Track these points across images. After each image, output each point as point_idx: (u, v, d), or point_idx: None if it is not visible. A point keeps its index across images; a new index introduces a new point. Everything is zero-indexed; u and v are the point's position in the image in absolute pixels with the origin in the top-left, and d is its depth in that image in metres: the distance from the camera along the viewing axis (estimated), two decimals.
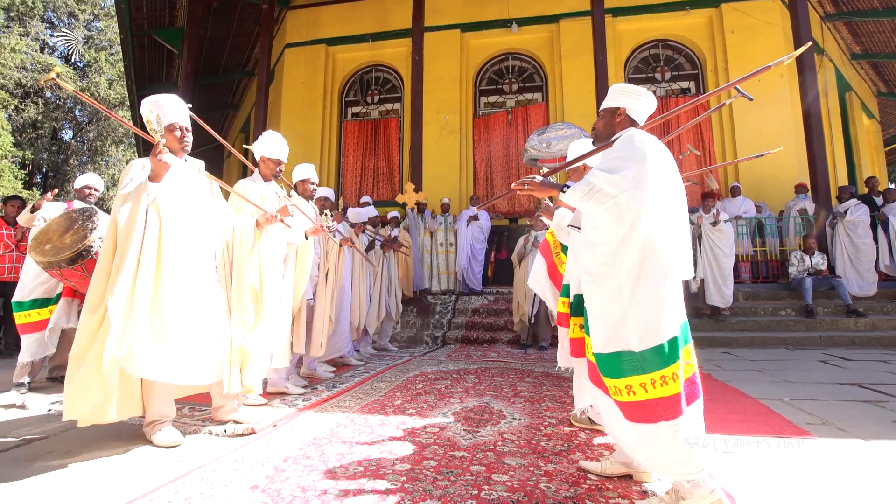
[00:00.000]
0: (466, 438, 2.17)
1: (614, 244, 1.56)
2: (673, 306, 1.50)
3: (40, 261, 2.94)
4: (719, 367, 4.08)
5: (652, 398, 1.45)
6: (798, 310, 5.81)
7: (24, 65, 16.30)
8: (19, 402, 2.86)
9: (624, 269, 1.53)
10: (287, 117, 9.95)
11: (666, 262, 1.52)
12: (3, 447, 2.12)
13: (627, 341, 1.50)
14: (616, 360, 1.51)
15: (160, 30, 9.53)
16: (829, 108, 9.55)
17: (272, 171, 3.02)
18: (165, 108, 2.33)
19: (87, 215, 3.08)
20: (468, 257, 6.97)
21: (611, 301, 1.55)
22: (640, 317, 1.49)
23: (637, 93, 1.81)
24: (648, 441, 1.47)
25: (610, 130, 1.84)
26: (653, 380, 1.45)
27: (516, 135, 9.35)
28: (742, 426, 2.37)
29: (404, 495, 1.58)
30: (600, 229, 1.62)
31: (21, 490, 1.68)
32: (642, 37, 9.28)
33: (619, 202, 1.54)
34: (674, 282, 1.53)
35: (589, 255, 1.66)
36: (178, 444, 2.14)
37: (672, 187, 1.62)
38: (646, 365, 1.46)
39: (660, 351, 1.46)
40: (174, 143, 2.33)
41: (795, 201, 7.17)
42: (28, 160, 17.26)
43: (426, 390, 3.19)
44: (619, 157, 1.61)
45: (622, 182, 1.54)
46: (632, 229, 1.53)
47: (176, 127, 2.34)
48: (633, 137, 1.65)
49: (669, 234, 1.55)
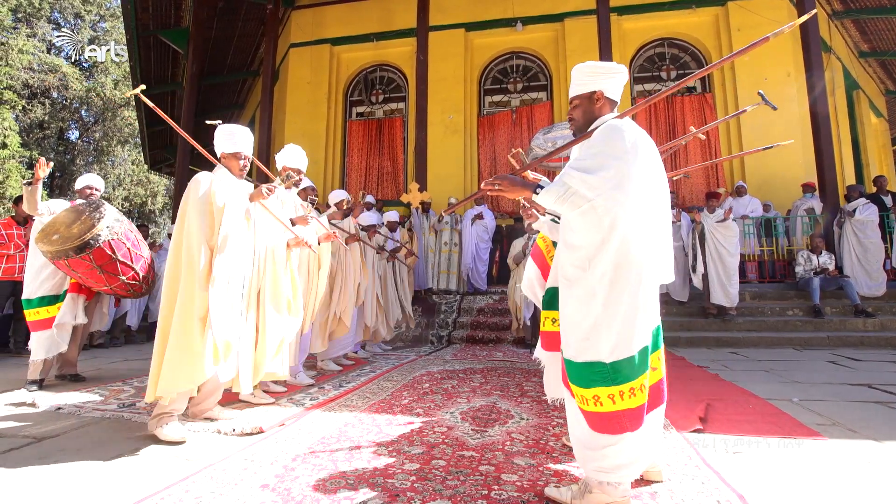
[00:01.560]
0: (475, 438, 2.17)
1: (591, 248, 1.49)
2: (646, 314, 1.46)
3: (47, 250, 2.97)
4: (726, 368, 4.06)
5: (619, 409, 1.42)
6: (806, 310, 5.77)
7: (31, 66, 16.41)
8: (29, 400, 2.88)
9: (597, 274, 1.46)
10: (292, 117, 9.98)
11: (641, 267, 1.45)
12: (15, 445, 2.14)
13: (598, 352, 1.44)
14: (586, 370, 1.46)
15: (166, 30, 9.57)
16: (837, 106, 9.48)
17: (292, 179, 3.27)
18: (237, 138, 2.60)
19: (95, 206, 3.13)
20: (473, 257, 6.97)
21: (583, 307, 1.48)
22: (612, 327, 1.43)
23: (609, 70, 1.67)
24: (607, 447, 1.45)
25: (589, 118, 1.69)
26: (621, 391, 1.42)
27: (521, 134, 9.33)
28: (751, 427, 2.35)
29: (414, 495, 1.58)
30: (577, 232, 1.53)
31: (34, 488, 1.69)
32: (648, 35, 9.25)
33: (596, 206, 1.46)
34: (648, 288, 1.47)
35: (565, 257, 1.58)
36: (184, 439, 2.17)
37: (654, 186, 1.53)
38: (616, 376, 1.42)
39: (630, 362, 1.42)
40: (236, 168, 2.61)
41: (803, 200, 7.12)
42: (35, 160, 17.36)
43: (433, 390, 3.19)
44: (598, 154, 1.50)
45: (599, 184, 1.45)
46: (610, 232, 1.46)
47: (241, 156, 2.62)
48: (616, 129, 1.52)
49: (647, 237, 1.48)
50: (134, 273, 3.25)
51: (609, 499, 1.47)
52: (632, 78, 9.20)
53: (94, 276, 3.15)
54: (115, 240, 3.07)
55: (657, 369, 1.51)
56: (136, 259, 3.25)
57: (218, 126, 2.66)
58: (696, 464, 1.87)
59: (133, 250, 3.23)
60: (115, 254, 3.08)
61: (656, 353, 1.50)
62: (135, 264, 3.24)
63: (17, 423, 2.50)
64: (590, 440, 1.48)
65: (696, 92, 9.17)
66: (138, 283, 3.33)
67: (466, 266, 6.94)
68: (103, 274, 3.12)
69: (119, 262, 3.13)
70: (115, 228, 3.08)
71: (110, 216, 3.10)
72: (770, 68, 8.40)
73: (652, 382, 1.49)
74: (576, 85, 1.72)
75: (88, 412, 2.67)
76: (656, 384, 1.51)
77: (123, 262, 3.15)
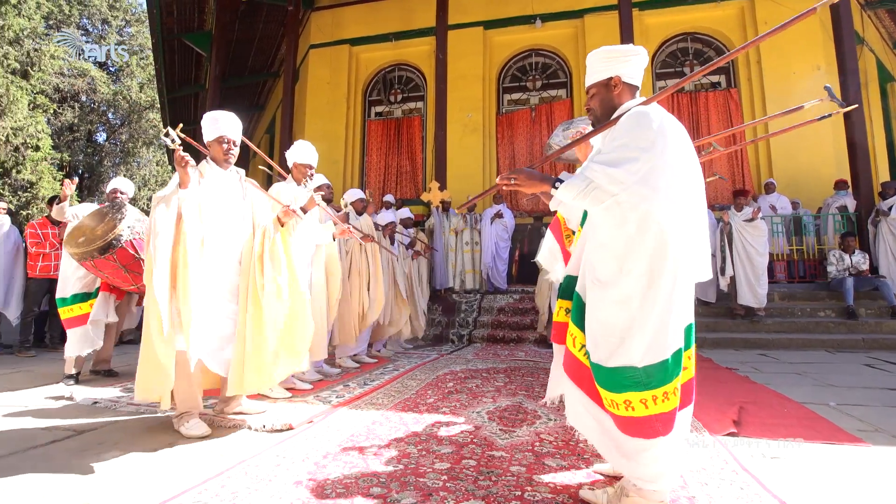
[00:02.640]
0: (503, 438, 2.16)
1: (620, 247, 1.41)
2: (680, 314, 1.38)
3: (74, 252, 3.06)
4: (756, 370, 3.95)
5: (652, 414, 1.36)
6: (839, 311, 5.59)
7: (62, 70, 16.96)
8: (67, 394, 2.98)
9: (634, 276, 1.38)
10: (311, 117, 10.09)
11: (676, 266, 1.37)
12: (57, 437, 2.21)
13: (630, 357, 1.36)
14: (618, 376, 1.38)
15: (189, 34, 9.78)
16: (870, 99, 9.14)
17: (304, 175, 3.24)
18: (220, 122, 2.52)
19: (117, 208, 3.20)
20: (493, 255, 6.94)
21: (617, 310, 1.40)
22: (646, 330, 1.36)
23: (624, 53, 1.56)
24: (639, 453, 1.39)
25: (609, 106, 1.58)
26: (654, 396, 1.35)
27: (540, 132, 9.25)
28: (788, 431, 2.28)
29: (447, 494, 1.57)
30: (601, 228, 1.46)
31: (77, 479, 1.74)
32: (670, 30, 9.07)
33: (621, 201, 1.37)
34: (683, 287, 1.39)
35: (596, 257, 1.48)
36: (206, 434, 2.22)
37: (687, 177, 1.43)
38: (649, 381, 1.35)
39: (663, 366, 1.35)
40: (219, 153, 2.51)
41: (835, 198, 6.89)
42: (66, 162, 17.97)
43: (457, 389, 3.18)
44: (623, 145, 1.40)
45: (624, 177, 1.35)
46: (638, 231, 1.37)
47: (224, 139, 2.51)
48: (642, 116, 1.41)
49: (682, 233, 1.38)
50: None
51: (646, 503, 1.44)
52: (654, 74, 9.03)
53: (121, 276, 3.23)
54: (136, 239, 3.12)
55: (687, 368, 1.44)
56: None
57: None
58: (733, 468, 1.83)
59: None
60: (139, 253, 3.12)
61: (688, 352, 1.44)
62: None
63: (56, 415, 2.58)
64: (623, 444, 1.43)
65: (720, 87, 8.95)
66: None
67: (486, 265, 6.92)
68: (129, 273, 3.19)
69: (143, 261, 3.15)
70: (136, 228, 3.14)
71: (131, 216, 3.16)
72: (799, 62, 8.14)
73: (682, 382, 1.42)
74: (591, 73, 1.62)
75: (123, 406, 2.74)
76: (686, 384, 1.44)
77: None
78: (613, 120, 1.51)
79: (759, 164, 8.31)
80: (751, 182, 8.29)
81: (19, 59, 14.10)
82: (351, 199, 4.39)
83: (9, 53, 13.51)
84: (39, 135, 14.27)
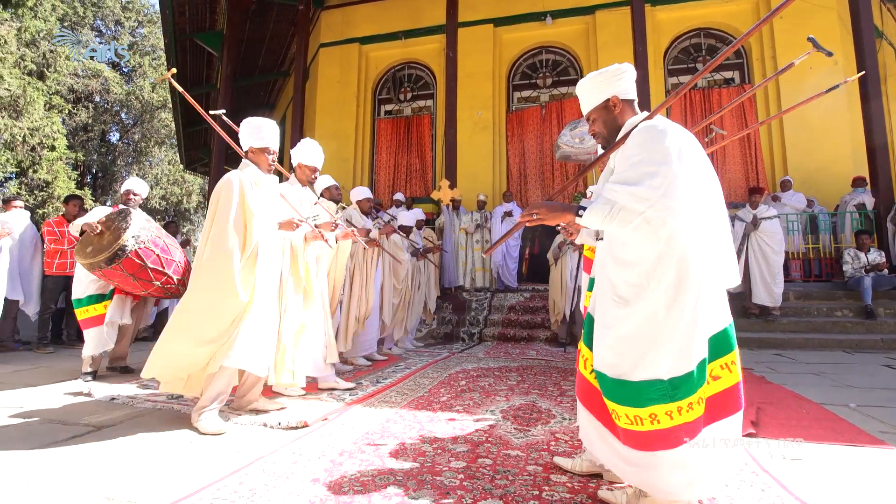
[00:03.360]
0: (518, 437, 2.15)
1: (649, 263, 1.38)
2: (704, 325, 1.36)
3: (84, 263, 3.10)
4: (772, 370, 3.90)
5: (677, 425, 1.34)
6: (856, 310, 5.49)
7: (77, 71, 17.21)
8: (86, 390, 3.02)
9: (660, 290, 1.36)
10: (321, 116, 10.12)
11: (700, 276, 1.35)
12: (77, 433, 2.24)
13: (657, 369, 1.35)
14: (643, 389, 1.36)
15: (201, 33, 9.86)
16: (889, 94, 8.94)
17: (308, 177, 3.12)
18: (266, 133, 2.55)
19: (123, 216, 3.18)
20: (503, 254, 6.92)
21: (644, 325, 1.38)
22: (673, 342, 1.34)
23: (615, 72, 1.59)
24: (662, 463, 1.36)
25: (614, 126, 1.60)
26: (679, 407, 1.33)
27: (550, 130, 9.19)
28: (807, 433, 2.24)
29: (464, 493, 1.57)
30: (630, 246, 1.42)
31: (97, 474, 1.76)
32: (683, 26, 8.94)
33: (650, 218, 1.35)
34: (708, 297, 1.36)
35: (617, 275, 1.45)
36: (223, 431, 2.24)
37: (705, 183, 1.43)
38: (675, 393, 1.33)
39: (689, 377, 1.33)
40: (265, 164, 2.58)
41: (853, 195, 6.75)
42: (80, 162, 18.25)
43: (470, 387, 3.18)
44: (640, 162, 1.39)
45: (649, 194, 1.34)
46: (667, 245, 1.35)
47: (270, 151, 2.58)
48: (652, 130, 1.42)
49: (706, 242, 1.37)
50: (167, 278, 3.29)
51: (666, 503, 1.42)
52: (666, 71, 8.92)
53: (130, 284, 3.27)
54: (142, 249, 3.11)
55: (720, 378, 1.39)
56: (167, 264, 3.28)
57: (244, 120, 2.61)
58: (753, 469, 1.80)
59: (163, 256, 3.25)
60: (145, 262, 3.13)
61: (726, 358, 1.40)
62: (167, 269, 3.27)
63: (76, 411, 2.62)
64: (640, 459, 1.40)
65: (733, 84, 8.82)
66: (174, 286, 3.39)
67: (497, 263, 6.90)
68: (137, 281, 3.21)
69: (150, 269, 3.17)
70: (141, 237, 3.12)
71: (136, 225, 3.13)
72: (814, 57, 7.90)
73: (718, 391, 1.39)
74: (586, 100, 1.64)
75: (140, 403, 2.78)
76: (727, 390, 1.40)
77: (154, 268, 3.19)
78: (623, 138, 1.52)
79: (774, 161, 8.18)
80: (765, 179, 8.16)
81: (35, 61, 14.33)
82: (358, 197, 4.25)
83: (25, 55, 13.74)
84: (55, 135, 14.50)
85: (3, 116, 12.63)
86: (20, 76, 13.31)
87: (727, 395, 1.40)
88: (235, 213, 2.37)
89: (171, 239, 3.52)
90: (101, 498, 1.57)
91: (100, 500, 1.56)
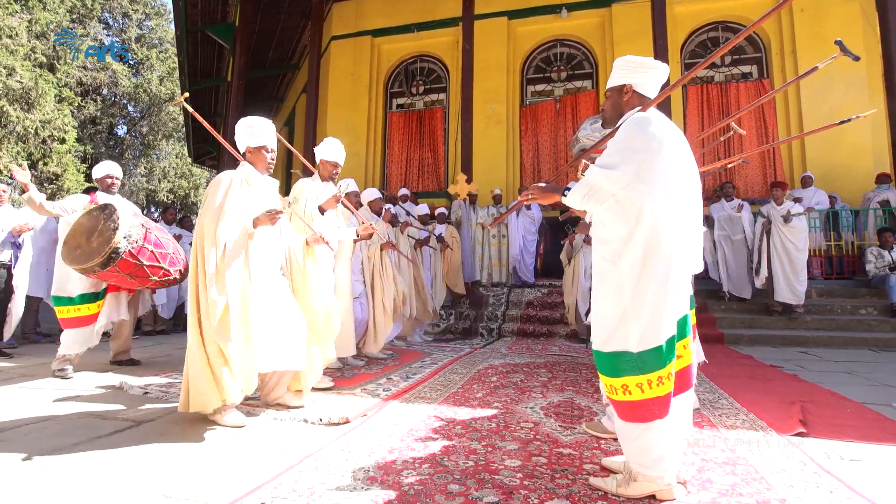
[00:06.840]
0: (566, 435, 2.12)
1: (619, 241, 1.53)
2: (674, 304, 1.49)
3: (76, 268, 3.00)
4: (801, 368, 3.85)
5: (648, 398, 1.47)
6: (881, 308, 5.42)
7: (85, 64, 17.17)
8: (117, 382, 3.01)
9: (626, 266, 1.50)
10: (333, 109, 10.05)
11: (669, 258, 1.48)
12: (118, 428, 2.22)
13: (626, 342, 1.48)
14: (615, 360, 1.50)
15: (213, 25, 9.80)
16: None
17: (329, 172, 3.25)
18: (260, 131, 2.48)
19: (108, 214, 3.05)
20: (520, 249, 6.87)
21: (613, 299, 1.53)
22: (640, 317, 1.47)
23: (644, 65, 1.68)
24: (640, 436, 1.49)
25: (618, 111, 1.74)
26: (649, 380, 1.46)
27: (564, 124, 9.11)
28: (859, 433, 2.20)
29: (528, 493, 1.54)
30: (606, 226, 1.58)
31: (147, 471, 1.74)
32: (701, 19, 8.81)
33: (620, 199, 1.50)
34: (677, 278, 1.49)
35: (597, 252, 1.62)
36: (243, 424, 2.25)
37: (682, 176, 1.55)
38: (643, 366, 1.46)
39: (657, 352, 1.46)
40: (262, 162, 2.50)
41: (876, 192, 6.66)
42: (88, 154, 18.25)
43: (502, 384, 3.15)
44: (620, 149, 1.54)
45: (620, 178, 1.49)
46: (637, 224, 1.49)
47: (267, 149, 2.51)
48: (639, 121, 1.56)
49: (676, 227, 1.50)
50: (164, 270, 3.22)
51: (655, 487, 1.50)
52: (683, 64, 8.80)
53: (127, 282, 3.22)
54: (135, 248, 3.02)
55: (682, 357, 1.55)
56: (162, 258, 3.21)
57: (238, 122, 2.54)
58: (814, 470, 1.77)
59: (156, 251, 3.17)
60: (140, 260, 3.05)
61: (683, 341, 1.54)
62: (162, 263, 3.20)
63: (111, 405, 2.61)
64: (623, 430, 1.54)
65: (752, 78, 8.69)
66: (172, 277, 3.33)
67: (514, 258, 6.85)
68: (135, 279, 3.16)
69: (146, 266, 3.10)
70: (132, 237, 3.02)
71: (125, 225, 2.99)
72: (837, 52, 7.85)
73: (678, 369, 1.53)
74: (612, 77, 1.75)
75: (174, 396, 2.76)
76: (682, 370, 1.55)
77: (150, 264, 3.13)
78: (617, 127, 1.65)
79: (793, 157, 8.08)
80: (783, 174, 8.06)
81: (46, 53, 14.29)
82: (369, 198, 4.30)
83: (36, 47, 13.71)
84: (66, 127, 14.49)
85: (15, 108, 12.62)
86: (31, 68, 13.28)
87: (684, 374, 1.56)
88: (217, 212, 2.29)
89: (161, 230, 3.40)
90: (158, 496, 1.55)
91: (157, 498, 1.54)
